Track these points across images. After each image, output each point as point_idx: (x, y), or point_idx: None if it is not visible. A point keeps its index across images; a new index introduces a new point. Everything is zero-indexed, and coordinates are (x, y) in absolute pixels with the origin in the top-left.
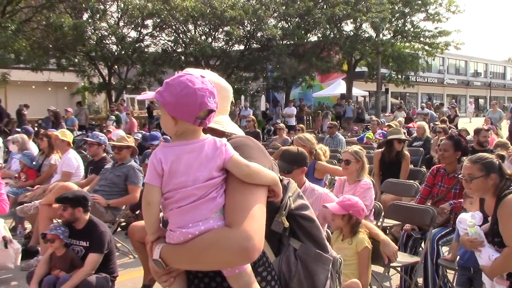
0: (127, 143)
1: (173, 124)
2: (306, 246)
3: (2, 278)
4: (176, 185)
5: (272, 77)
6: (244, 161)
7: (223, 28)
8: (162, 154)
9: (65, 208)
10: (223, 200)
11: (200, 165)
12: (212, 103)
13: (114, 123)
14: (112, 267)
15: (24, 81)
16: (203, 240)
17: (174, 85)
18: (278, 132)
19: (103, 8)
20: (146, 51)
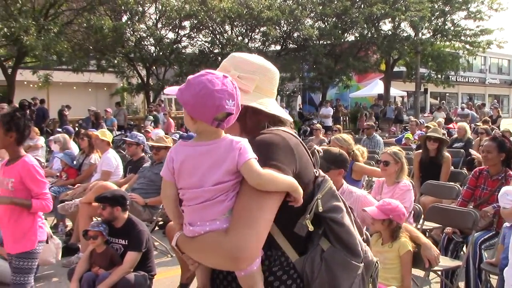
0: (165, 143)
1: (192, 123)
2: (334, 249)
3: (44, 274)
4: (185, 184)
5: (308, 77)
6: (256, 169)
7: (260, 28)
8: (175, 152)
9: (104, 207)
10: (232, 203)
11: (210, 168)
12: (231, 106)
13: (152, 124)
14: (150, 265)
15: (66, 82)
16: (202, 241)
17: (194, 84)
18: (315, 133)
19: (141, 10)
20: (183, 52)
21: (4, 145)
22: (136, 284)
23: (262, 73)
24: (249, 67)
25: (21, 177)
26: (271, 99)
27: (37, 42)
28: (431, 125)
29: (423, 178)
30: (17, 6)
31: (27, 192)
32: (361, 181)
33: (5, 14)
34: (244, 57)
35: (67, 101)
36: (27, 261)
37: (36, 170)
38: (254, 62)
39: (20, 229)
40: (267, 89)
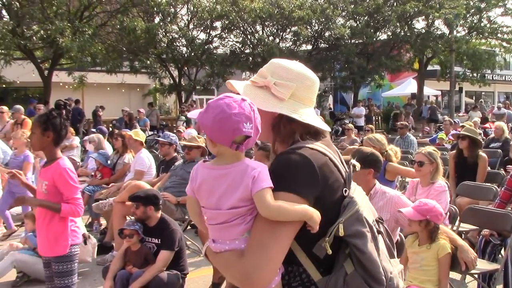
0: (197, 143)
1: (213, 145)
2: (355, 274)
3: (79, 271)
4: (205, 204)
5: (340, 77)
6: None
7: (291, 28)
8: (196, 172)
9: (137, 206)
10: (249, 226)
11: (225, 192)
12: (248, 129)
13: (184, 124)
14: (182, 264)
15: (100, 83)
16: (222, 258)
17: (212, 107)
18: (347, 133)
19: (173, 11)
20: (214, 52)
21: (42, 146)
22: (169, 283)
23: (300, 80)
24: (287, 74)
25: (54, 181)
26: (309, 108)
27: (72, 44)
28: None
29: (458, 178)
30: (53, 9)
31: (60, 195)
32: (394, 181)
33: (41, 17)
34: (283, 63)
35: (101, 101)
36: (65, 264)
37: (68, 174)
38: (292, 69)
39: (52, 233)
40: (305, 97)
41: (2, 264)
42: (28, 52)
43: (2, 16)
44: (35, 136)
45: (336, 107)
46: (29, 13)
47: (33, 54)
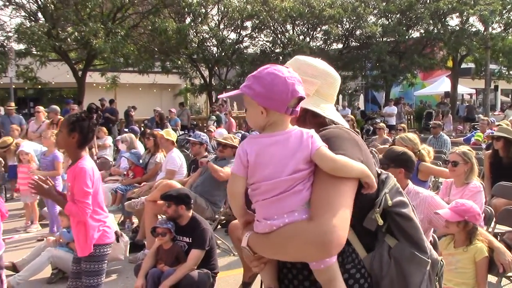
0: (232, 142)
1: (264, 115)
2: (401, 245)
3: (112, 269)
4: (261, 177)
5: (371, 75)
6: (330, 154)
7: (321, 27)
8: (248, 145)
9: (169, 205)
10: (309, 193)
11: (285, 157)
12: (302, 91)
13: (214, 123)
14: (213, 263)
15: (132, 83)
16: (284, 232)
17: (262, 76)
18: (378, 132)
19: (204, 12)
20: (245, 52)
21: (66, 146)
22: (200, 282)
23: (323, 77)
24: (311, 70)
25: (73, 180)
26: (330, 104)
27: (106, 45)
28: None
29: (494, 179)
30: (87, 11)
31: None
32: (427, 182)
33: (75, 19)
34: (307, 60)
35: (133, 102)
36: (95, 263)
37: (84, 176)
38: (317, 66)
39: (79, 234)
40: (327, 93)
41: (39, 260)
42: (63, 54)
43: (38, 18)
44: (61, 135)
45: (367, 106)
46: (63, 15)
47: (67, 55)
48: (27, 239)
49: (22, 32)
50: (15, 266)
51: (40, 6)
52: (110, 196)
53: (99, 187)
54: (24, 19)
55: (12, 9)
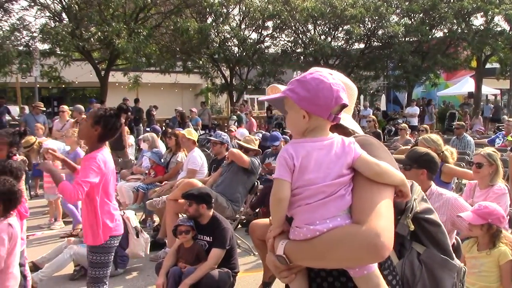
0: (254, 146)
1: (306, 120)
2: (430, 251)
3: (133, 266)
4: (305, 181)
5: (393, 75)
6: (373, 160)
7: (343, 27)
8: (293, 149)
9: (190, 204)
10: (351, 198)
11: (330, 162)
12: (346, 98)
13: (235, 123)
14: (233, 262)
15: (154, 83)
16: (330, 237)
17: (307, 81)
18: (400, 133)
19: (226, 12)
20: (266, 52)
21: (87, 136)
22: (220, 281)
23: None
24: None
25: (82, 165)
26: (348, 115)
27: (128, 45)
28: None
29: None
30: (110, 11)
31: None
32: (451, 183)
33: (99, 19)
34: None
35: (155, 101)
36: (100, 255)
37: (93, 163)
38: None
39: (88, 223)
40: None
41: (61, 257)
42: (86, 53)
43: (62, 18)
44: (85, 124)
45: (389, 106)
46: (87, 16)
47: (90, 55)
48: (51, 236)
49: (46, 32)
50: (35, 265)
51: (64, 6)
52: (131, 194)
53: (110, 180)
54: (49, 19)
55: (37, 10)
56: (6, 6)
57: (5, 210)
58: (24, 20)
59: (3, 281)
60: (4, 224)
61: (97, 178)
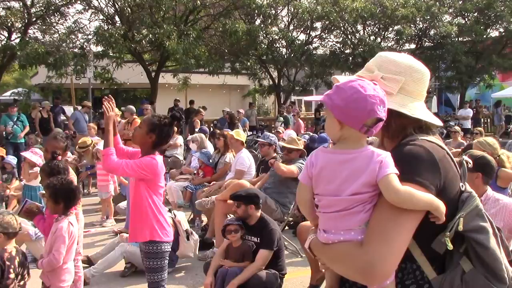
0: (297, 146)
1: (338, 128)
2: (476, 272)
3: (182, 265)
4: (323, 190)
5: (445, 77)
6: (394, 185)
7: (393, 27)
8: (316, 158)
9: (238, 205)
10: (368, 215)
11: (348, 177)
12: (382, 112)
13: (282, 124)
14: (281, 264)
15: (202, 84)
16: (336, 250)
17: (344, 89)
18: (453, 136)
19: (274, 13)
20: (314, 53)
21: (141, 143)
22: (268, 282)
23: (409, 73)
24: (394, 67)
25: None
26: (419, 102)
27: (178, 46)
28: None
29: None
30: (161, 14)
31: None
32: (507, 189)
33: (150, 22)
34: (390, 56)
35: (203, 102)
36: (154, 260)
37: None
38: (400, 62)
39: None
40: (414, 90)
41: (113, 254)
42: (138, 55)
43: (115, 21)
44: (140, 131)
45: (441, 108)
46: (139, 18)
47: (141, 57)
48: (102, 233)
49: (100, 35)
50: (89, 259)
51: (117, 9)
52: (180, 194)
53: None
54: (102, 22)
55: (91, 13)
56: (62, 10)
57: (65, 208)
58: (79, 23)
59: (59, 275)
60: (65, 223)
61: (145, 173)
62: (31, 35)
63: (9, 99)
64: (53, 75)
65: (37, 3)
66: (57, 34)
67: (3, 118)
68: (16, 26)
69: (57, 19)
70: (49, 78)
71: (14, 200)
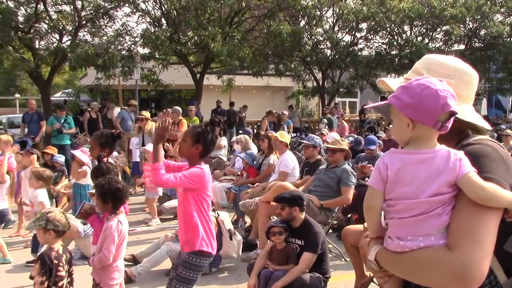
0: (340, 146)
1: (410, 128)
2: None
3: (226, 266)
4: (398, 194)
5: (496, 78)
6: (479, 182)
7: (442, 27)
8: (389, 160)
9: (282, 207)
10: (449, 218)
11: (428, 178)
12: (454, 105)
13: (326, 126)
14: (325, 267)
15: (246, 85)
16: (419, 256)
17: (412, 87)
18: (504, 139)
19: (319, 14)
20: (359, 54)
21: (188, 155)
22: (311, 285)
23: (459, 76)
24: (444, 70)
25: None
26: (468, 105)
27: (223, 48)
28: None
29: None
30: (206, 16)
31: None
32: None
33: (195, 24)
34: (439, 59)
35: (247, 103)
36: (188, 271)
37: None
38: (450, 64)
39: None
40: (463, 94)
41: (158, 253)
42: (183, 57)
43: (162, 24)
44: (185, 145)
45: (491, 111)
46: (185, 21)
47: (187, 58)
48: (148, 232)
49: (147, 37)
50: (135, 258)
51: (164, 12)
52: (224, 194)
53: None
54: (149, 25)
55: (138, 16)
56: (111, 13)
57: (114, 207)
58: (127, 26)
59: (109, 273)
60: (114, 221)
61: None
62: (81, 37)
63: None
64: (102, 76)
65: (87, 7)
66: (105, 37)
67: (51, 119)
68: (67, 29)
69: (106, 22)
70: (98, 80)
71: (64, 198)
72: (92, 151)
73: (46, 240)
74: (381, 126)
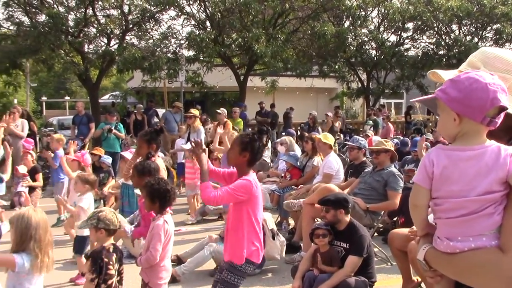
0: (384, 146)
1: (456, 123)
2: None
3: (269, 268)
4: (446, 192)
5: None
6: None
7: (492, 26)
8: (436, 156)
9: (327, 209)
10: (500, 218)
11: (477, 175)
12: (505, 100)
13: (371, 128)
14: (370, 271)
15: (290, 87)
16: (470, 258)
17: (460, 80)
18: None
19: (364, 15)
20: (405, 54)
21: (237, 163)
22: None
23: None
24: (503, 65)
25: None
26: None
27: (266, 50)
28: None
29: None
30: (250, 18)
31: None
32: None
33: (239, 26)
34: (497, 53)
35: (291, 105)
36: (233, 276)
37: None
38: (508, 59)
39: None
40: None
41: (202, 254)
42: (227, 59)
43: (206, 26)
44: (233, 152)
45: None
46: (229, 23)
47: (231, 60)
48: (192, 232)
49: (192, 40)
50: (179, 258)
51: (208, 15)
52: (268, 196)
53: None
54: (194, 27)
55: (183, 19)
56: (157, 16)
57: (161, 207)
58: (172, 29)
59: (157, 273)
60: (161, 221)
61: (241, 195)
62: (128, 41)
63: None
64: (148, 79)
65: (134, 11)
66: (151, 40)
67: (101, 124)
68: (114, 32)
69: (152, 25)
70: (144, 82)
71: (112, 198)
72: (140, 150)
73: (97, 238)
74: (428, 127)
